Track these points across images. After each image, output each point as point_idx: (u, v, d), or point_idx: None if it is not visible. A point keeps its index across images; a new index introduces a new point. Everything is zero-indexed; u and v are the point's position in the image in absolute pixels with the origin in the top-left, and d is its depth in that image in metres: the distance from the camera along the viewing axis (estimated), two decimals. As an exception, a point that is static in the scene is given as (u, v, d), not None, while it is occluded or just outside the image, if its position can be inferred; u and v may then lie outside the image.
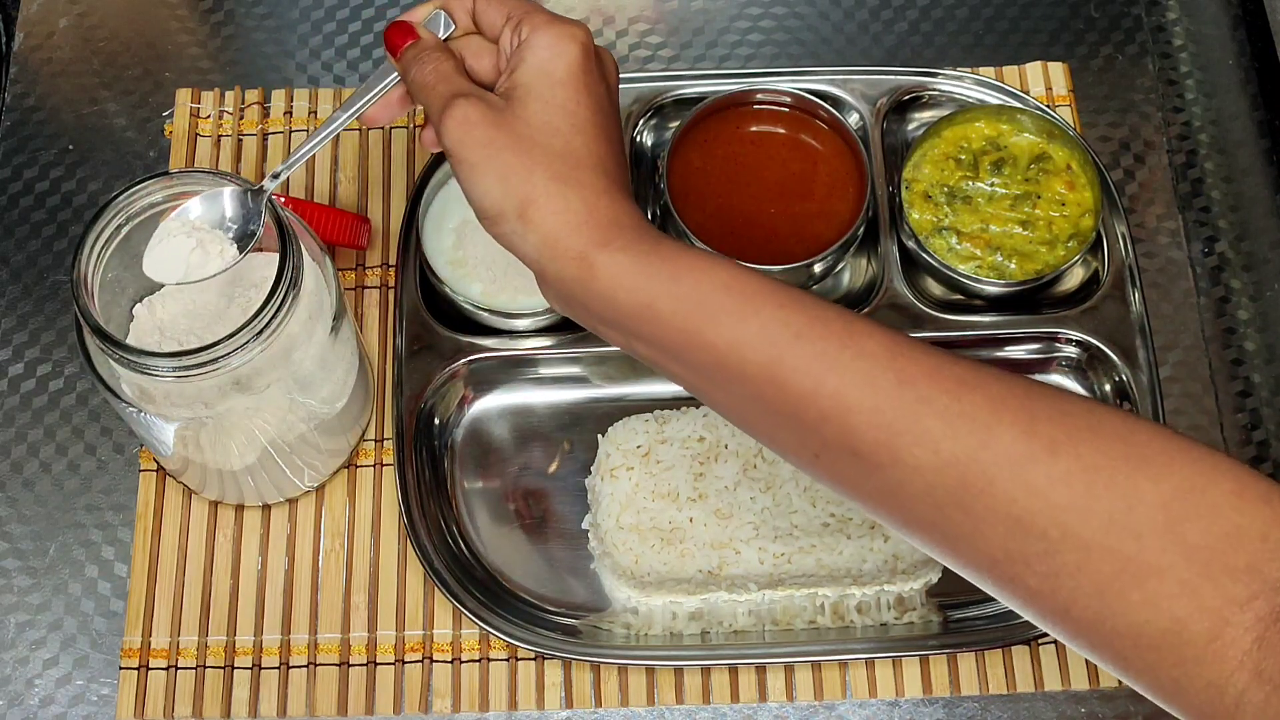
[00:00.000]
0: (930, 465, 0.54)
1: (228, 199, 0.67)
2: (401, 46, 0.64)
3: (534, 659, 0.77)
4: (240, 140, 0.89)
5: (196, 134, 0.89)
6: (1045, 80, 0.91)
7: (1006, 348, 0.84)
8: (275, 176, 0.67)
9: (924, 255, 0.82)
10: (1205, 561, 0.50)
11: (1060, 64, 0.92)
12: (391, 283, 0.85)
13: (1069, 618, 0.53)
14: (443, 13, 0.66)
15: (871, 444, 0.55)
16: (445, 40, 0.65)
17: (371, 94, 0.67)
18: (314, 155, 0.88)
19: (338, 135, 0.89)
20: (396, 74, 0.66)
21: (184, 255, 0.67)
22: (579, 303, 0.59)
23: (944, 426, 0.54)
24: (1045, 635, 0.77)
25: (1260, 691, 0.49)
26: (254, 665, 0.77)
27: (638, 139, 0.87)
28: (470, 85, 0.62)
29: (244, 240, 0.67)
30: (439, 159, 0.85)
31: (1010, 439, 0.53)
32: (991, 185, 0.84)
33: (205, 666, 0.77)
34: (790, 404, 0.56)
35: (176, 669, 0.77)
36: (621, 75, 0.88)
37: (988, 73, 0.91)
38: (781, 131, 0.85)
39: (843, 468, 0.56)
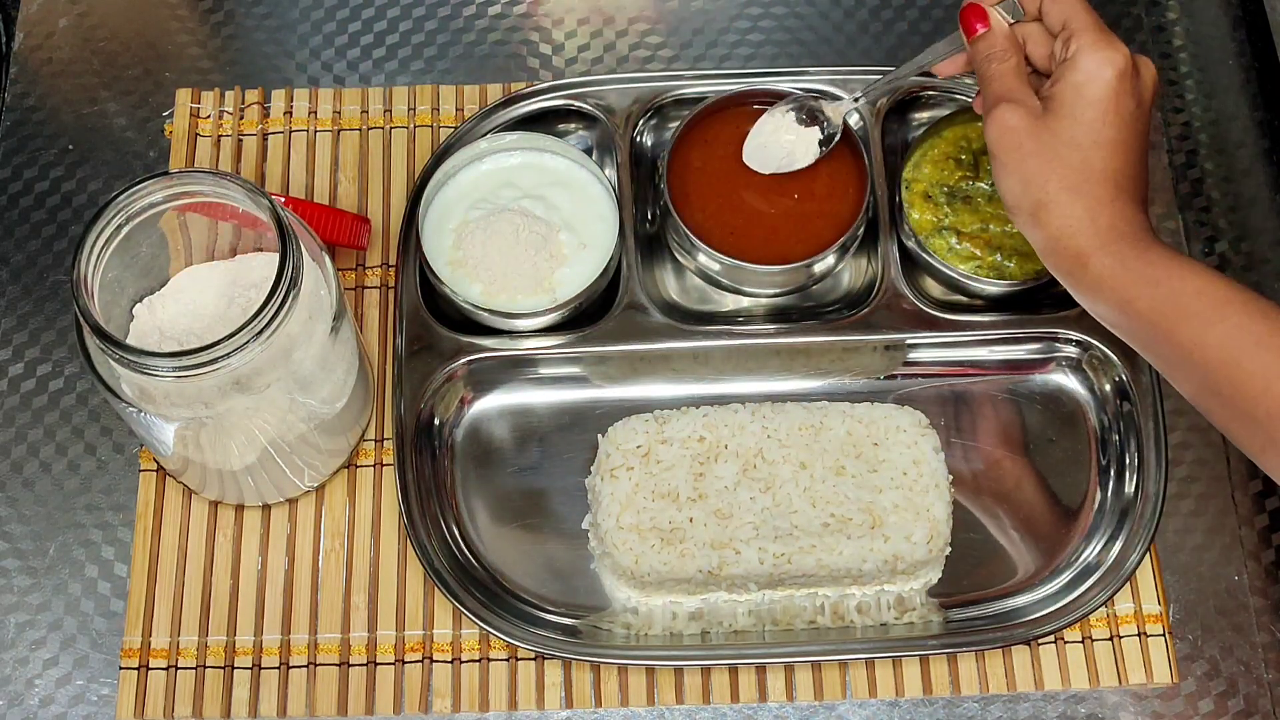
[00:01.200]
0: None
1: (814, 106, 0.81)
2: (974, 31, 0.72)
3: (534, 659, 0.77)
4: (240, 140, 0.89)
5: (196, 134, 0.89)
6: (1045, 80, 0.91)
7: (1006, 348, 0.84)
8: (856, 99, 0.82)
9: (924, 255, 0.82)
10: None
11: (1060, 64, 0.92)
12: (391, 283, 0.85)
13: None
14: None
15: None
16: (1013, 24, 0.72)
17: (939, 54, 0.76)
18: (314, 155, 0.89)
19: (337, 134, 0.89)
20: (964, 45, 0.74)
21: (783, 150, 0.82)
22: (1071, 287, 0.70)
23: None
24: (1045, 635, 0.77)
25: None
26: (254, 665, 0.77)
27: (638, 139, 0.87)
28: (1020, 88, 0.70)
29: (825, 143, 0.82)
30: (439, 159, 0.85)
31: None
32: (991, 185, 0.84)
33: (205, 666, 0.77)
34: (1244, 401, 0.63)
35: (176, 669, 0.77)
36: (621, 75, 0.89)
37: (988, 73, 0.91)
38: (781, 131, 0.85)
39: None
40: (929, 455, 0.79)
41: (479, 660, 0.77)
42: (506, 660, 0.77)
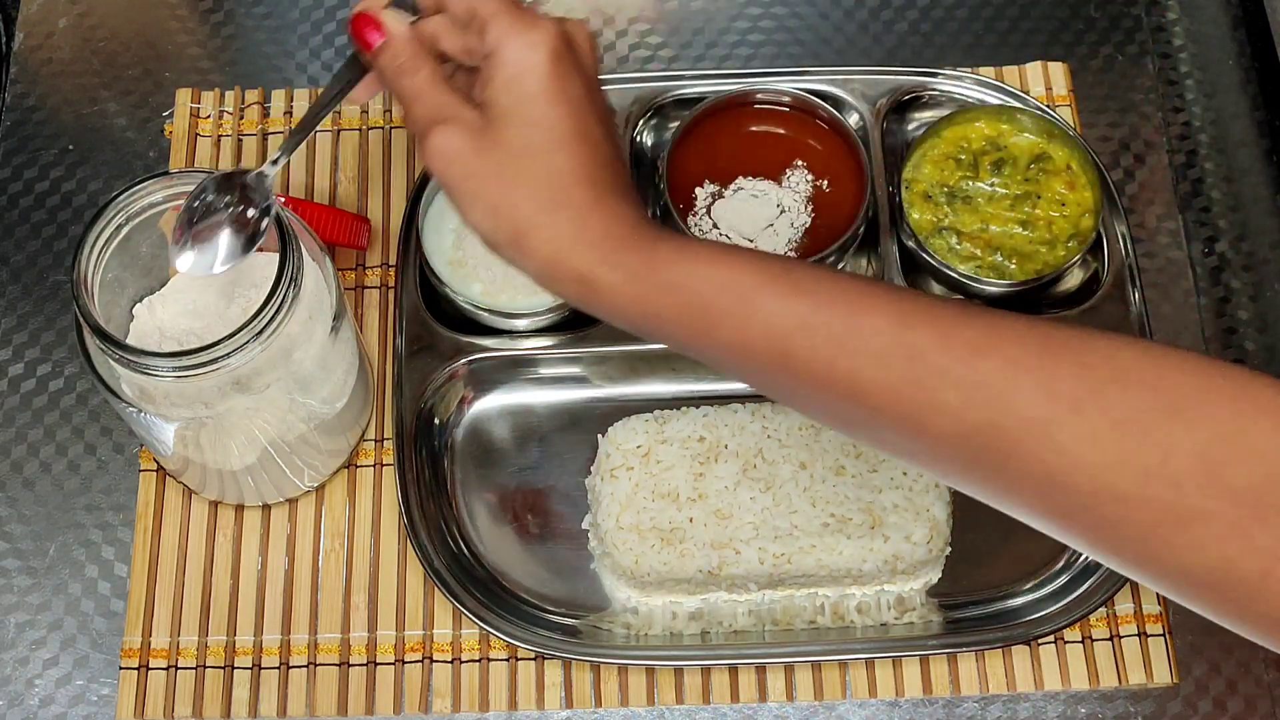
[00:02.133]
0: (955, 433, 0.54)
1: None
2: (371, 45, 0.60)
3: (534, 659, 0.77)
4: (240, 140, 0.89)
5: (196, 134, 0.89)
6: (1045, 80, 0.91)
7: (1006, 348, 0.83)
8: (274, 162, 0.66)
9: (924, 255, 0.82)
10: (1253, 503, 0.50)
11: (1060, 64, 0.92)
12: (391, 283, 0.85)
13: (1120, 559, 0.54)
14: None
15: (896, 418, 0.55)
16: (414, 21, 0.61)
17: (344, 79, 0.64)
18: (314, 155, 0.89)
19: (338, 134, 0.89)
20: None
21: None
22: (590, 310, 0.60)
23: (961, 397, 0.54)
24: (1045, 635, 0.77)
25: None
26: (254, 665, 0.77)
27: (638, 139, 0.87)
28: (446, 101, 0.59)
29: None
30: (439, 159, 0.85)
31: (1030, 403, 0.53)
32: (991, 185, 0.84)
33: (205, 666, 0.77)
34: (810, 386, 0.56)
35: (176, 669, 0.77)
36: (621, 75, 0.89)
37: (988, 73, 0.91)
38: (781, 132, 0.85)
39: (880, 437, 0.57)
40: (929, 455, 0.79)
41: (479, 660, 0.77)
42: (506, 660, 0.77)
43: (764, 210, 0.82)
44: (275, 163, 0.66)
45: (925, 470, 0.59)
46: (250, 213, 0.65)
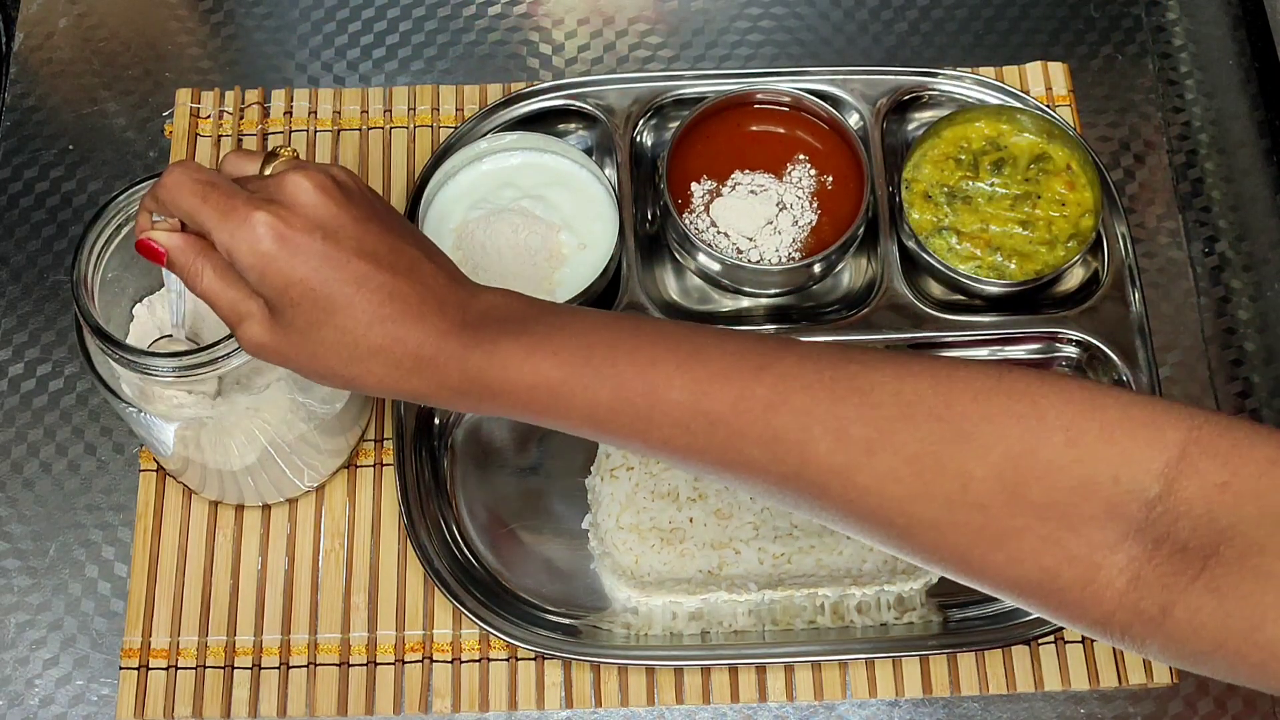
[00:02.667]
0: (769, 484, 0.57)
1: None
2: (161, 262, 0.62)
3: (534, 659, 0.77)
4: (240, 140, 0.89)
5: (196, 134, 0.89)
6: (1045, 80, 0.91)
7: (1006, 348, 0.84)
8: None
9: (924, 255, 0.82)
10: (1060, 516, 0.52)
11: (1060, 64, 0.92)
12: (391, 283, 0.85)
13: (955, 575, 0.56)
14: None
15: (718, 474, 0.59)
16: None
17: (179, 293, 0.67)
18: (314, 155, 0.89)
19: (337, 134, 0.89)
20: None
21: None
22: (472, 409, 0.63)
23: (764, 453, 0.56)
24: (1045, 635, 0.77)
25: (1143, 629, 0.52)
26: (254, 665, 0.77)
27: (638, 139, 0.87)
28: (234, 296, 0.60)
29: None
30: (439, 159, 0.85)
31: (826, 451, 0.55)
32: (991, 185, 0.84)
33: (205, 666, 0.77)
34: (644, 452, 0.60)
35: (176, 669, 0.77)
36: (621, 75, 0.88)
37: (988, 73, 0.91)
38: (781, 131, 0.85)
39: (724, 484, 0.62)
40: (929, 455, 0.79)
41: (479, 660, 0.77)
42: (506, 660, 0.77)
43: (763, 208, 0.82)
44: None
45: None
46: None
